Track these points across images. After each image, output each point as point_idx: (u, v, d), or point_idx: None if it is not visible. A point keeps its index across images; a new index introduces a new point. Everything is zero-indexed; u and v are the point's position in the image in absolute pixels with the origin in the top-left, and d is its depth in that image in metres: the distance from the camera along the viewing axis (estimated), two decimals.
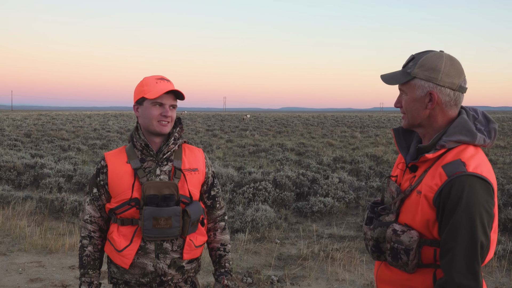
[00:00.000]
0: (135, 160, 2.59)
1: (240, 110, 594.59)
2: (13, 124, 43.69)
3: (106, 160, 2.65)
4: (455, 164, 1.90)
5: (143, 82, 2.60)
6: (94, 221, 2.66)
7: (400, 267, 2.01)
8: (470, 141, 1.97)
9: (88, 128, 39.13)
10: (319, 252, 6.86)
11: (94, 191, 2.65)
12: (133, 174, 2.56)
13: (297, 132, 37.50)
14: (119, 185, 2.57)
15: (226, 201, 9.69)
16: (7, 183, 11.79)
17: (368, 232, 2.17)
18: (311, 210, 9.09)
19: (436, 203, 1.90)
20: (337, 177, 11.33)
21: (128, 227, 2.57)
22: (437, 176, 1.92)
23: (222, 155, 20.04)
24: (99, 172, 2.65)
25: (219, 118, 74.04)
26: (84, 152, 19.93)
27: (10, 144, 21.60)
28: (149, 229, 2.49)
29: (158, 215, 2.48)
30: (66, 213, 8.65)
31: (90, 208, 2.65)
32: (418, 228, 1.97)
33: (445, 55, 2.05)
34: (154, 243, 2.56)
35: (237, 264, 6.41)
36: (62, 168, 12.81)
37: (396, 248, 1.98)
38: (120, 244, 2.56)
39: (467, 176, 1.85)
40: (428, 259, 1.97)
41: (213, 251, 2.85)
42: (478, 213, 1.82)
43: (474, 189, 1.84)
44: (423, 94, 2.05)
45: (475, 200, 1.83)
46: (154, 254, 2.56)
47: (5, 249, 6.88)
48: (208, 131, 37.83)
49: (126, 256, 2.55)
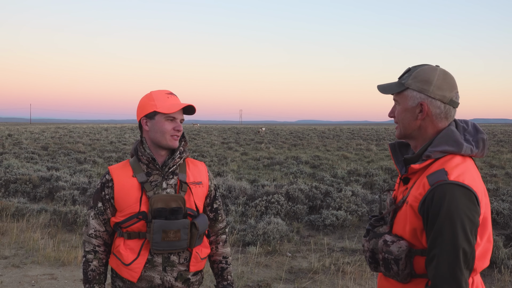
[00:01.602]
0: (141, 174, 2.60)
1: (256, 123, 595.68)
2: (31, 137, 44.20)
3: (111, 174, 2.64)
4: (438, 174, 1.93)
5: (152, 96, 2.61)
6: (99, 235, 2.66)
7: (392, 277, 2.04)
8: (456, 151, 2.00)
9: (105, 141, 39.43)
10: (330, 266, 6.83)
11: (99, 205, 2.64)
12: (139, 188, 2.58)
13: (312, 145, 37.42)
14: (126, 199, 2.58)
15: (238, 214, 9.70)
16: (23, 195, 11.92)
17: (365, 244, 2.22)
18: (324, 223, 9.06)
19: (421, 212, 1.93)
20: (350, 190, 11.29)
21: (135, 240, 2.58)
22: (421, 186, 1.96)
23: (237, 167, 20.06)
24: (104, 186, 2.64)
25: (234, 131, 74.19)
26: (100, 165, 20.09)
27: (27, 157, 21.86)
28: (158, 242, 2.51)
29: (168, 228, 2.51)
30: (79, 225, 8.73)
31: (94, 223, 2.65)
32: (408, 238, 2.01)
33: (439, 69, 2.09)
34: (162, 256, 2.57)
35: (247, 277, 6.41)
36: (77, 181, 12.93)
37: (387, 258, 2.01)
38: (128, 258, 2.57)
39: (448, 184, 1.88)
40: (420, 269, 1.99)
41: (215, 263, 2.87)
42: (459, 220, 1.84)
43: (454, 196, 1.86)
44: (414, 105, 2.10)
45: (456, 207, 1.85)
46: (162, 267, 2.58)
47: (19, 261, 6.95)
48: (223, 143, 37.92)
49: (134, 270, 2.56)
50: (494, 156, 26.35)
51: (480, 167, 20.49)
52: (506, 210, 9.51)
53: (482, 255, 1.97)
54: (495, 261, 6.74)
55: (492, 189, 13.44)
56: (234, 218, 9.44)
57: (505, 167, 20.29)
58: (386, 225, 2.13)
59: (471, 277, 1.96)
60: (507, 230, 8.92)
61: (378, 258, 2.10)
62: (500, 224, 9.29)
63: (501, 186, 14.47)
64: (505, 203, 10.26)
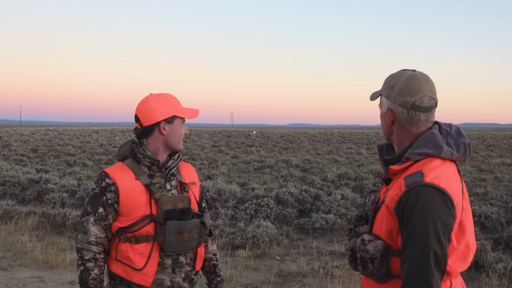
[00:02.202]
0: (143, 176, 2.58)
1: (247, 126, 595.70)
2: (20, 139, 43.93)
3: (113, 177, 2.55)
4: (414, 175, 1.95)
5: (169, 100, 2.62)
6: (100, 242, 2.56)
7: (369, 276, 2.06)
8: (436, 153, 2.01)
9: (95, 143, 39.26)
10: (319, 269, 6.84)
11: (100, 211, 2.54)
12: (146, 191, 2.55)
13: (303, 149, 37.49)
14: (133, 203, 2.53)
15: (228, 217, 9.69)
16: (11, 198, 11.84)
17: (346, 242, 2.25)
18: (313, 227, 9.08)
19: (396, 212, 1.95)
20: (340, 194, 11.33)
21: (143, 244, 2.54)
22: (398, 187, 1.98)
23: (227, 171, 20.05)
24: (105, 191, 2.54)
25: (225, 134, 74.15)
26: (90, 168, 20.02)
27: (16, 159, 21.72)
28: (173, 243, 2.51)
29: (183, 228, 2.52)
30: (68, 228, 8.69)
31: (95, 229, 2.54)
32: (384, 238, 2.03)
33: (406, 74, 2.11)
34: (171, 257, 2.58)
35: (236, 280, 6.40)
36: (66, 183, 12.87)
37: (363, 257, 2.04)
38: (139, 263, 2.52)
39: (423, 186, 1.90)
40: (397, 269, 2.01)
41: (207, 261, 2.89)
42: (432, 222, 1.85)
43: (428, 198, 1.88)
44: (384, 111, 2.17)
45: (429, 209, 1.86)
46: (171, 269, 2.58)
47: (6, 264, 6.91)
48: (214, 147, 37.88)
49: (147, 274, 2.53)
50: (484, 161, 26.54)
51: (469, 171, 20.63)
52: (495, 214, 9.58)
53: (460, 259, 1.98)
54: (483, 265, 6.79)
55: (481, 193, 13.53)
56: (224, 221, 9.43)
57: (494, 172, 20.43)
58: (367, 225, 2.16)
59: (448, 280, 1.98)
60: (495, 234, 8.98)
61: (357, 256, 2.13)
62: (488, 228, 9.35)
63: (490, 190, 14.57)
64: (493, 207, 10.33)
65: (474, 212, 9.55)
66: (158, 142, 2.62)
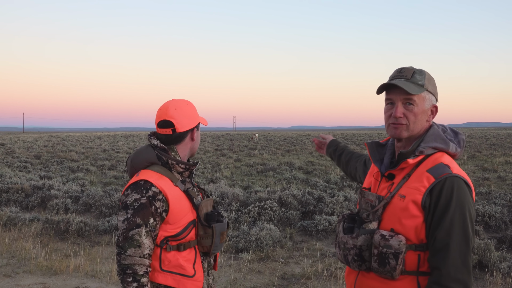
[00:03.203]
0: (179, 182, 2.60)
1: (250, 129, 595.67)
2: (23, 146, 43.99)
3: (158, 186, 2.48)
4: (439, 167, 2.01)
5: (193, 108, 2.70)
6: (151, 254, 2.47)
7: (386, 272, 2.04)
8: (445, 147, 2.10)
9: (98, 149, 39.29)
10: (322, 271, 6.84)
11: (151, 222, 2.43)
12: (185, 196, 2.59)
13: (305, 151, 37.43)
14: (181, 210, 2.54)
15: (231, 221, 9.70)
16: (15, 204, 11.87)
17: (349, 241, 2.19)
18: (316, 229, 9.07)
19: (425, 204, 1.98)
20: (343, 196, 11.31)
21: (187, 251, 2.56)
22: (424, 179, 2.02)
23: (230, 174, 20.05)
24: (153, 200, 2.45)
25: (228, 137, 74.14)
26: (93, 173, 20.04)
27: (19, 166, 21.76)
28: (217, 245, 2.62)
29: (224, 229, 2.66)
30: (72, 234, 8.71)
31: (148, 241, 2.42)
32: (405, 232, 2.03)
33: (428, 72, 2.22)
34: (206, 260, 2.67)
35: (240, 283, 6.40)
36: (70, 189, 12.90)
37: (385, 252, 2.01)
38: (191, 270, 2.54)
39: (454, 177, 1.97)
40: (411, 265, 2.02)
41: None
42: (468, 211, 1.94)
43: (462, 188, 1.96)
44: (429, 107, 2.18)
45: (464, 198, 1.94)
46: (207, 272, 2.67)
47: (11, 271, 6.92)
48: (217, 150, 37.88)
49: (199, 279, 2.57)
50: (487, 160, 26.46)
51: (473, 170, 20.58)
52: (498, 214, 9.56)
53: None
54: (487, 264, 6.77)
55: (485, 193, 13.50)
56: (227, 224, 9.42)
57: (498, 171, 20.37)
58: (375, 221, 2.14)
59: None
60: (499, 233, 8.95)
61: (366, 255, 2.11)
62: (492, 227, 9.33)
63: (494, 189, 14.53)
64: (497, 206, 10.30)
65: (478, 212, 9.53)
66: (187, 148, 2.68)
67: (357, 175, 2.79)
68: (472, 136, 64.46)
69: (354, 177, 2.86)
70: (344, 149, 3.06)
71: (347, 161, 2.95)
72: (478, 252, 6.91)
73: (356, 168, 2.80)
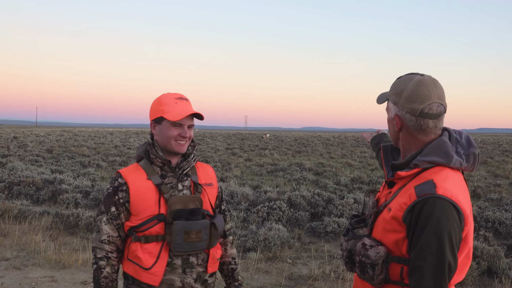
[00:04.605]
0: (155, 176, 2.58)
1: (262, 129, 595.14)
2: (36, 140, 44.35)
3: (125, 177, 2.58)
4: (426, 185, 1.91)
5: (161, 101, 2.59)
6: (112, 241, 2.58)
7: (367, 280, 2.04)
8: (445, 162, 1.97)
9: (109, 145, 39.52)
10: (330, 273, 6.82)
11: (112, 210, 2.57)
12: (156, 190, 2.56)
13: (316, 152, 37.40)
14: (143, 202, 2.54)
15: (240, 220, 9.70)
16: (26, 198, 11.98)
17: (343, 243, 2.22)
18: (325, 230, 9.05)
19: (406, 221, 1.92)
20: (352, 198, 11.28)
21: (153, 244, 2.55)
22: (407, 196, 1.94)
23: (240, 173, 20.07)
24: (117, 190, 2.57)
25: (239, 136, 74.22)
26: (104, 169, 20.15)
27: (31, 159, 21.93)
28: (180, 243, 2.50)
29: (190, 228, 2.51)
30: (81, 228, 8.76)
31: (108, 228, 2.57)
32: (387, 244, 2.00)
33: (415, 80, 2.06)
34: (181, 258, 2.56)
35: (247, 283, 6.40)
36: (80, 184, 12.98)
37: (363, 261, 2.01)
38: (148, 262, 2.53)
39: (437, 198, 1.86)
40: (395, 276, 2.00)
41: (225, 265, 2.88)
42: (447, 234, 1.83)
43: (443, 211, 1.85)
44: (392, 117, 2.13)
45: (444, 221, 1.84)
46: (181, 269, 2.57)
47: (20, 263, 6.97)
48: (227, 149, 37.95)
49: (156, 274, 2.53)
50: (499, 166, 26.28)
51: (484, 176, 20.44)
52: (509, 220, 9.48)
53: (459, 270, 1.96)
54: (496, 271, 6.73)
55: (496, 199, 13.40)
56: (236, 223, 9.45)
57: (509, 177, 20.23)
58: (366, 228, 2.12)
59: None
60: (509, 240, 8.89)
61: (355, 259, 2.10)
62: (502, 234, 9.26)
63: (505, 196, 14.43)
64: (508, 213, 10.23)
65: (488, 218, 9.47)
66: (159, 142, 2.63)
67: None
68: (485, 142, 64.00)
69: None
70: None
71: None
72: (487, 258, 6.86)
73: None
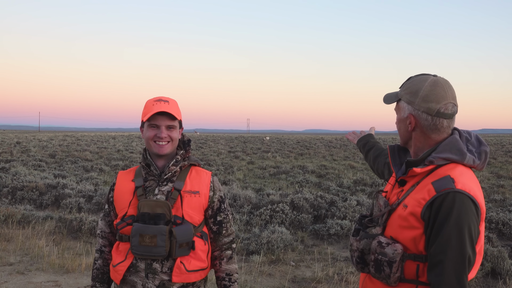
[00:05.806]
0: (139, 178, 2.66)
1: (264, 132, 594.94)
2: (39, 144, 44.40)
3: (117, 178, 2.77)
4: (444, 181, 1.95)
5: (146, 105, 2.64)
6: (104, 236, 2.79)
7: (382, 279, 2.05)
8: (459, 159, 2.02)
9: (112, 149, 39.53)
10: (333, 275, 6.81)
11: (106, 207, 2.79)
12: (133, 192, 2.64)
13: (319, 154, 37.37)
14: (121, 202, 2.66)
15: (243, 223, 9.69)
16: (29, 202, 11.99)
17: (354, 243, 2.21)
18: (328, 233, 9.04)
19: (424, 217, 1.94)
20: (355, 200, 11.27)
21: (125, 243, 2.62)
22: (425, 192, 1.97)
23: (243, 176, 20.06)
24: (110, 189, 2.78)
25: (242, 140, 74.21)
26: (106, 173, 20.16)
27: (34, 164, 21.97)
28: (136, 245, 2.51)
29: (143, 232, 2.49)
30: (84, 233, 8.77)
31: (102, 223, 2.80)
32: (403, 241, 2.01)
33: (430, 80, 2.10)
34: (145, 262, 2.55)
35: (250, 286, 6.40)
36: (83, 189, 12.99)
37: (380, 259, 2.02)
38: (115, 260, 2.64)
39: (456, 192, 1.90)
40: (410, 274, 2.00)
41: (219, 280, 2.79)
42: (467, 229, 1.88)
43: (463, 205, 1.89)
44: (405, 116, 2.15)
45: (464, 215, 1.88)
46: (144, 274, 2.55)
47: (24, 268, 6.99)
48: (230, 152, 37.94)
49: (118, 272, 2.60)
50: (502, 167, 26.23)
51: (487, 177, 20.40)
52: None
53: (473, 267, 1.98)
54: (500, 272, 6.71)
55: (499, 200, 13.38)
56: (239, 226, 9.44)
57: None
58: (379, 227, 2.14)
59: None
60: None
61: (369, 259, 2.11)
62: (506, 235, 9.24)
63: (508, 196, 14.39)
64: (511, 214, 10.20)
65: (492, 219, 9.45)
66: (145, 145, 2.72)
67: (385, 172, 2.76)
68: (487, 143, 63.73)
69: (381, 174, 2.81)
70: (374, 145, 3.02)
71: (375, 157, 2.91)
72: (491, 259, 6.85)
73: (384, 165, 2.78)
